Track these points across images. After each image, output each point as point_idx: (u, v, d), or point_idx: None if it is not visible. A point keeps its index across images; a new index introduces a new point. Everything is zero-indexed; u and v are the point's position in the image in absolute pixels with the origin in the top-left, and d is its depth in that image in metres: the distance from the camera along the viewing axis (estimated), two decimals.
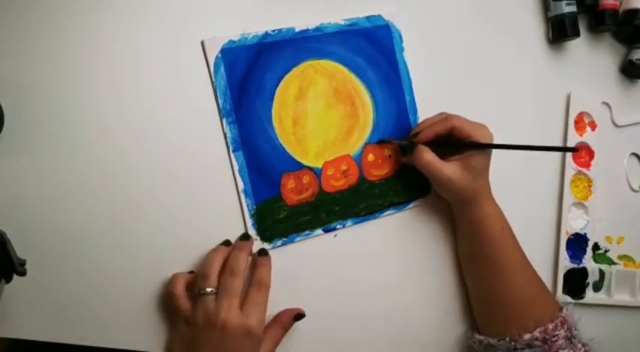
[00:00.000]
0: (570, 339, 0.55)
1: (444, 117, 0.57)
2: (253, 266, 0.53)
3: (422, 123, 0.60)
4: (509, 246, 0.58)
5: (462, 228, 0.61)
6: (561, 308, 0.58)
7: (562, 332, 0.55)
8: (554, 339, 0.54)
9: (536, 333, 0.55)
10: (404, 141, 0.59)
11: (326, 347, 0.57)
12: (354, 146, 0.59)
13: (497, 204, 0.59)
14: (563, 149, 0.45)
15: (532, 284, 0.58)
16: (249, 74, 0.54)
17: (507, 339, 0.56)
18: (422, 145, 0.56)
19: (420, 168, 0.57)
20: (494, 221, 0.58)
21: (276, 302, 0.54)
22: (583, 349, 0.55)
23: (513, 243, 0.58)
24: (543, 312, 0.56)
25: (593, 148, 0.70)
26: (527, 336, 0.55)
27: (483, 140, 0.56)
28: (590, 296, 0.69)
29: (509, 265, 0.57)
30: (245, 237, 0.53)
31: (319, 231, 0.57)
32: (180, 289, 0.50)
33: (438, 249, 0.62)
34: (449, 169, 0.56)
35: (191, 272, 0.52)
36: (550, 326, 0.55)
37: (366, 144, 0.59)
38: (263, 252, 0.54)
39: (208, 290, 0.49)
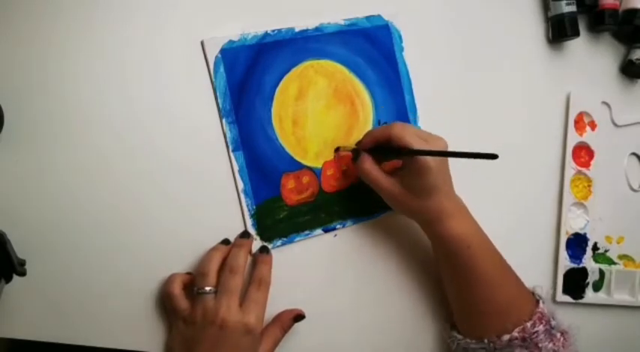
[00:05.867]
0: (549, 331, 0.55)
1: (388, 125, 0.54)
2: (253, 265, 0.53)
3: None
4: (479, 262, 0.54)
5: (433, 248, 0.58)
6: (537, 302, 0.57)
7: (541, 327, 0.54)
8: (533, 336, 0.54)
9: (515, 333, 0.54)
10: (355, 147, 0.57)
11: (325, 348, 0.57)
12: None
13: (465, 221, 0.55)
14: (484, 156, 0.45)
15: (507, 290, 0.56)
16: (248, 74, 0.54)
17: (486, 341, 0.55)
18: (365, 153, 0.55)
19: (361, 177, 0.55)
20: (460, 240, 0.54)
21: (276, 303, 0.54)
22: (562, 338, 0.55)
23: (484, 258, 0.55)
24: (521, 312, 0.55)
25: (593, 148, 0.70)
26: (505, 337, 0.54)
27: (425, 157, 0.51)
28: (590, 296, 0.69)
29: (480, 279, 0.55)
30: (245, 234, 0.53)
31: (319, 231, 0.57)
32: (177, 288, 0.50)
33: None
34: (387, 182, 0.53)
35: (189, 273, 0.52)
36: (528, 324, 0.54)
37: None
38: (264, 250, 0.54)
39: (207, 289, 0.49)
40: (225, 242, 0.53)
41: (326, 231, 0.57)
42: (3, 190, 0.47)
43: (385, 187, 0.54)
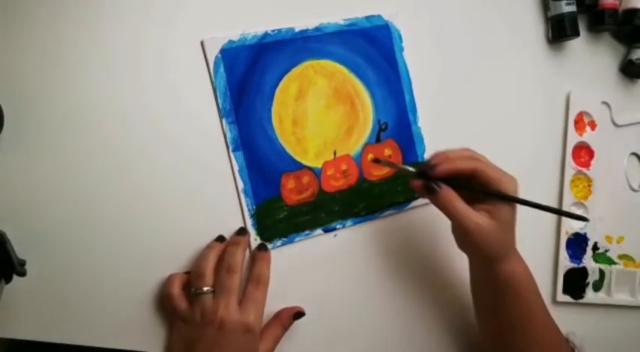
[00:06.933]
0: None
1: (469, 154, 0.52)
2: (251, 262, 0.53)
3: (439, 153, 0.52)
4: (533, 304, 0.54)
5: (483, 283, 0.55)
6: (573, 350, 0.57)
7: None
8: None
9: None
10: (411, 169, 0.53)
11: (325, 347, 0.57)
12: (354, 146, 0.59)
13: (522, 259, 0.54)
14: (577, 217, 0.52)
15: (549, 337, 0.55)
16: (248, 74, 0.54)
17: None
18: (447, 187, 0.50)
19: (443, 210, 0.51)
20: (521, 279, 0.53)
21: (276, 303, 0.54)
22: None
23: (537, 300, 0.54)
24: None
25: (593, 148, 0.70)
26: None
27: (509, 191, 0.50)
28: (590, 295, 0.69)
29: (530, 323, 0.53)
30: (241, 231, 0.53)
31: (319, 231, 0.57)
32: (176, 289, 0.50)
33: (438, 249, 0.62)
34: (479, 217, 0.50)
35: (187, 273, 0.52)
36: None
37: (365, 144, 0.59)
38: (262, 247, 0.54)
39: (205, 289, 0.49)
40: (220, 239, 0.52)
41: (326, 231, 0.57)
42: (3, 190, 0.47)
43: (475, 221, 0.50)
